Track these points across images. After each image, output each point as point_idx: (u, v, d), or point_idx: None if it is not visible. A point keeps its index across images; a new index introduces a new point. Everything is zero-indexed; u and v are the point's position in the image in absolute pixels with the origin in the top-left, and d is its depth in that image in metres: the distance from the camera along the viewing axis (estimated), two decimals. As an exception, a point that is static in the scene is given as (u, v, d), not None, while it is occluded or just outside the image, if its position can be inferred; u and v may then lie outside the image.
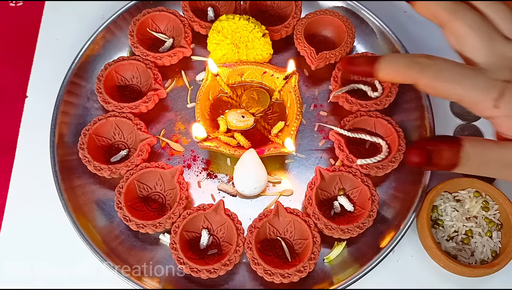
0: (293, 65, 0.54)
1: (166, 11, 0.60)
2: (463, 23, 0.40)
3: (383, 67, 0.41)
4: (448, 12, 0.41)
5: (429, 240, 0.48)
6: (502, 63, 0.39)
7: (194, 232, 0.49)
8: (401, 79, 0.41)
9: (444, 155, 0.38)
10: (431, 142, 0.39)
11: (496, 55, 0.39)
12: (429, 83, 0.39)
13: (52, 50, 0.63)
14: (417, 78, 0.39)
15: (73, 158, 0.53)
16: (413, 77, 0.40)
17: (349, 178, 0.50)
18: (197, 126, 0.51)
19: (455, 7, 0.41)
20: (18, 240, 0.53)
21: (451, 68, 0.39)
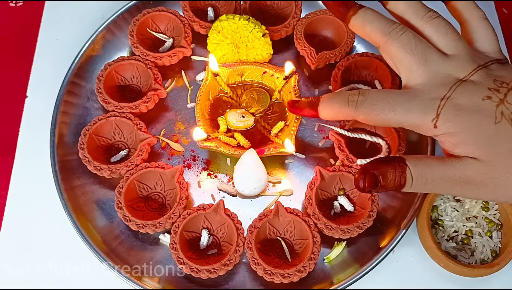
0: (290, 66, 0.54)
1: (166, 11, 0.60)
2: (398, 46, 0.40)
3: (323, 109, 0.43)
4: (382, 34, 0.41)
5: (429, 240, 0.48)
6: (437, 81, 0.39)
7: (194, 232, 0.49)
8: (341, 117, 0.43)
9: (390, 177, 0.38)
10: (375, 165, 0.39)
11: (431, 74, 0.40)
12: (366, 118, 0.40)
13: (52, 50, 0.63)
14: (354, 115, 0.41)
15: (73, 158, 0.53)
16: (351, 114, 0.41)
17: (349, 178, 0.50)
18: (198, 131, 0.51)
19: (389, 29, 0.41)
20: (18, 240, 0.53)
21: (383, 99, 0.39)
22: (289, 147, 0.51)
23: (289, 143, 0.51)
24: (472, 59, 0.40)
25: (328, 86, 0.59)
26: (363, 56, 0.57)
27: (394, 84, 0.55)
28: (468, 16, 0.43)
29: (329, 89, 0.58)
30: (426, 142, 0.53)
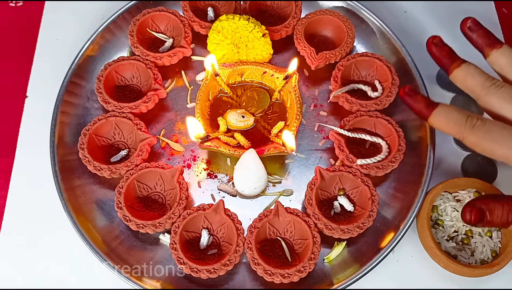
0: (295, 64, 0.54)
1: (166, 11, 0.60)
2: (497, 97, 0.43)
3: (438, 115, 0.43)
4: (482, 88, 0.44)
5: (429, 240, 0.48)
6: None
7: (194, 232, 0.49)
8: (450, 131, 0.44)
9: (497, 214, 0.41)
10: (485, 200, 0.42)
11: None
12: (476, 142, 0.42)
13: (52, 50, 0.63)
14: (466, 134, 0.42)
15: (73, 158, 0.53)
16: (462, 133, 0.42)
17: (349, 178, 0.50)
18: (192, 120, 0.51)
19: (490, 83, 0.44)
20: (18, 240, 0.53)
21: (499, 130, 0.42)
22: (288, 141, 0.50)
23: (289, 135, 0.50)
24: None
25: (328, 86, 0.59)
26: (363, 56, 0.57)
27: (394, 84, 0.55)
28: None
29: (329, 89, 0.58)
30: (426, 143, 0.53)
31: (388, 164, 0.51)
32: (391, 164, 0.51)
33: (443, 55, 0.46)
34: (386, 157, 0.51)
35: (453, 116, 0.43)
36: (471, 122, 0.42)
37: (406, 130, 0.53)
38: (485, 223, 0.41)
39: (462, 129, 0.42)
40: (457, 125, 0.42)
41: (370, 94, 0.55)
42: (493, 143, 0.41)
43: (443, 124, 0.43)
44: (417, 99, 0.45)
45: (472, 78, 0.44)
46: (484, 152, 0.43)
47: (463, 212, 0.42)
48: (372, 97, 0.55)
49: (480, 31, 0.46)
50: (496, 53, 0.45)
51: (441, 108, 0.43)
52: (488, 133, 0.42)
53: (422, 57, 0.59)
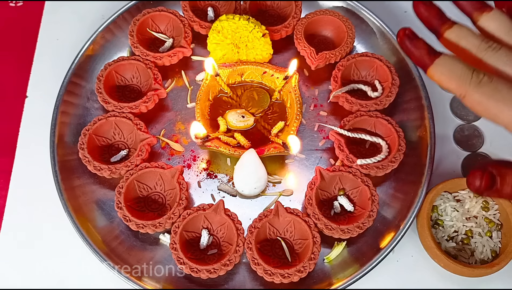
0: (295, 65, 0.54)
1: (166, 11, 0.60)
2: (495, 60, 0.39)
3: (440, 65, 0.39)
4: (478, 50, 0.40)
5: (429, 240, 0.48)
6: None
7: (194, 232, 0.49)
8: (452, 86, 0.39)
9: (509, 181, 0.36)
10: (495, 165, 0.37)
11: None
12: (481, 100, 0.38)
13: (52, 50, 0.63)
14: (470, 91, 0.38)
15: (73, 158, 0.53)
16: (466, 88, 0.38)
17: (349, 178, 0.50)
18: (197, 125, 0.51)
19: (486, 45, 0.40)
20: (18, 240, 0.53)
21: (507, 89, 0.37)
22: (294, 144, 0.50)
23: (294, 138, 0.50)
24: None
25: (328, 86, 0.59)
26: (363, 56, 0.57)
27: (394, 84, 0.55)
28: None
29: (329, 89, 0.58)
30: (426, 143, 0.53)
31: (388, 164, 0.51)
32: (391, 164, 0.51)
33: (432, 15, 0.42)
34: (386, 157, 0.51)
35: (458, 68, 0.38)
36: (477, 77, 0.37)
37: (406, 130, 0.53)
38: (493, 191, 0.36)
39: (466, 84, 0.38)
40: (461, 78, 0.38)
41: (370, 94, 0.55)
42: (499, 103, 0.37)
43: (445, 76, 0.39)
44: (418, 44, 0.40)
45: (466, 40, 0.40)
46: (487, 113, 0.38)
47: (471, 176, 0.36)
48: (372, 97, 0.55)
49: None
50: (486, 17, 0.41)
51: (445, 57, 0.39)
52: (495, 91, 0.37)
53: (422, 57, 0.59)
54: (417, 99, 0.55)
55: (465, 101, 0.38)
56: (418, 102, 0.55)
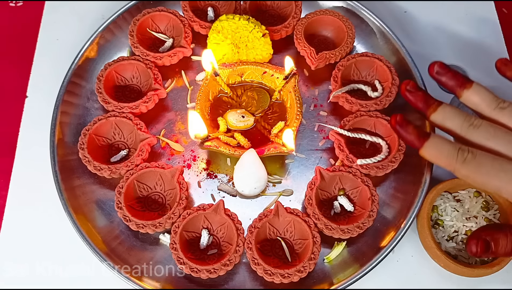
0: (290, 61, 0.54)
1: (166, 11, 0.60)
2: (477, 136, 0.44)
3: (429, 147, 0.44)
4: (461, 129, 0.44)
5: (429, 240, 0.48)
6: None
7: (194, 232, 0.49)
8: (442, 164, 0.44)
9: (501, 244, 0.41)
10: (488, 231, 0.42)
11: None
12: (468, 175, 0.42)
13: (52, 50, 0.63)
14: (458, 168, 0.42)
15: (73, 158, 0.53)
16: (454, 166, 0.43)
17: (349, 178, 0.50)
18: (194, 114, 0.51)
19: (467, 123, 0.44)
20: (18, 240, 0.53)
21: (490, 163, 0.42)
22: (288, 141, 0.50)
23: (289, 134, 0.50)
24: None
25: (328, 86, 0.59)
26: (363, 56, 0.57)
27: (394, 84, 0.55)
28: None
29: (329, 89, 0.58)
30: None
31: (388, 164, 0.51)
32: (391, 164, 0.51)
33: (418, 100, 0.46)
34: (386, 157, 0.51)
35: (444, 149, 0.43)
36: (462, 156, 0.42)
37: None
38: (490, 253, 0.42)
39: (454, 162, 0.42)
40: (448, 158, 0.43)
41: (370, 94, 0.55)
42: (484, 176, 0.42)
43: (435, 156, 0.44)
44: (408, 130, 0.45)
45: (450, 121, 0.45)
46: (476, 184, 0.43)
47: (469, 244, 0.42)
48: (372, 97, 0.55)
49: (448, 74, 0.47)
50: (467, 92, 0.46)
51: (433, 140, 0.44)
52: (479, 166, 0.42)
53: (422, 57, 0.59)
54: (417, 99, 0.55)
55: (456, 175, 0.43)
56: (418, 102, 0.55)
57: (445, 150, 0.43)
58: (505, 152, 0.43)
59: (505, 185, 0.42)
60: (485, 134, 0.44)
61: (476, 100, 0.46)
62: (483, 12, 0.66)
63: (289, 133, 0.50)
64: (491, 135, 0.44)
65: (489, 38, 0.64)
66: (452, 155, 0.43)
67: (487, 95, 0.46)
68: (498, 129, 0.44)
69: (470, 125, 0.44)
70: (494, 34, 0.65)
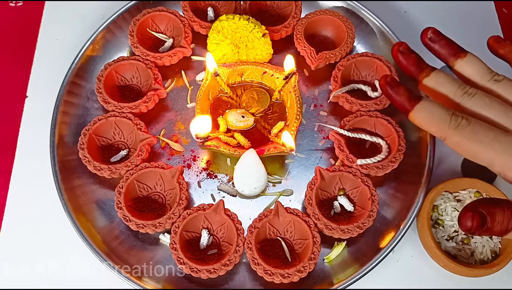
0: (291, 60, 0.54)
1: (166, 11, 0.60)
2: (471, 105, 0.41)
3: (420, 110, 0.41)
4: (455, 96, 0.42)
5: (429, 240, 0.48)
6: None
7: (194, 232, 0.49)
8: (432, 129, 0.41)
9: (498, 219, 0.38)
10: (484, 205, 0.38)
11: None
12: (460, 142, 0.40)
13: (52, 50, 0.63)
14: (450, 134, 0.40)
15: (73, 158, 0.53)
16: (446, 132, 0.40)
17: (349, 178, 0.50)
18: (200, 120, 0.51)
19: (462, 91, 0.42)
20: (18, 240, 0.53)
21: (485, 131, 0.39)
22: (287, 141, 0.50)
23: (288, 136, 0.50)
24: None
25: (328, 86, 0.59)
26: (363, 56, 0.57)
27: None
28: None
29: (329, 89, 0.58)
30: (426, 143, 0.53)
31: (388, 164, 0.51)
32: (391, 164, 0.51)
33: (410, 63, 0.44)
34: (386, 157, 0.51)
35: (437, 113, 0.40)
36: (456, 121, 0.39)
37: (406, 130, 0.53)
38: (485, 230, 0.38)
39: (446, 127, 0.40)
40: (440, 122, 0.40)
41: (370, 94, 0.55)
42: (477, 144, 0.39)
43: (425, 120, 0.41)
44: (399, 91, 0.42)
45: (443, 87, 0.42)
46: (467, 154, 0.40)
47: (463, 218, 0.38)
48: (372, 97, 0.55)
49: (442, 41, 0.44)
50: (461, 62, 0.43)
51: (425, 103, 0.41)
52: (473, 134, 0.39)
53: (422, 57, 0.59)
54: (417, 99, 0.55)
55: (446, 143, 0.41)
56: (418, 102, 0.55)
57: (437, 114, 0.40)
58: (500, 122, 0.41)
59: (498, 156, 0.39)
60: (480, 102, 0.41)
61: (469, 71, 0.43)
62: (483, 12, 0.66)
63: (287, 134, 0.50)
64: (486, 104, 0.41)
65: (489, 38, 0.64)
66: (444, 120, 0.40)
67: (482, 66, 0.43)
68: (494, 100, 0.41)
69: (465, 93, 0.41)
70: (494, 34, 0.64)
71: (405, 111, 0.42)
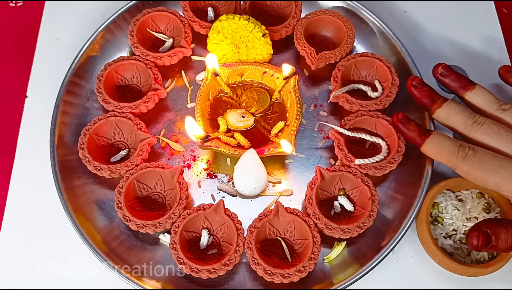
0: (288, 69, 0.55)
1: (166, 11, 0.60)
2: (481, 133, 0.45)
3: (431, 144, 0.45)
4: (465, 126, 0.46)
5: (426, 235, 0.48)
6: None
7: (194, 232, 0.49)
8: (443, 160, 0.45)
9: (502, 238, 0.42)
10: (489, 225, 0.43)
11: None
12: (468, 171, 0.44)
13: (52, 50, 0.63)
14: (458, 164, 0.44)
15: (73, 158, 0.53)
16: (455, 162, 0.44)
17: (349, 178, 0.50)
18: (190, 121, 0.51)
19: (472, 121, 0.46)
20: (18, 240, 0.53)
21: (491, 159, 0.43)
22: (286, 148, 0.51)
23: (286, 143, 0.50)
24: None
25: (328, 86, 0.59)
26: (363, 56, 0.57)
27: (394, 84, 0.55)
28: None
29: (329, 89, 0.58)
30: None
31: (386, 165, 0.51)
32: (389, 165, 0.51)
33: (423, 96, 0.48)
34: (385, 157, 0.51)
35: (446, 145, 0.44)
36: (463, 152, 0.43)
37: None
38: (490, 247, 0.42)
39: (454, 158, 0.43)
40: (449, 154, 0.44)
41: (370, 94, 0.55)
42: (484, 172, 0.43)
43: (436, 152, 0.45)
44: (410, 127, 0.46)
45: (454, 117, 0.46)
46: (476, 181, 0.44)
47: (470, 237, 0.42)
48: (372, 97, 0.55)
49: (452, 76, 0.48)
50: (470, 94, 0.47)
51: (434, 137, 0.45)
52: (479, 163, 0.43)
53: (422, 57, 0.59)
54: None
55: (456, 171, 0.45)
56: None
57: (446, 146, 0.44)
58: (506, 151, 0.44)
59: (504, 181, 0.42)
60: (489, 131, 0.44)
61: (478, 102, 0.47)
62: (483, 12, 0.66)
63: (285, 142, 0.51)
64: (494, 132, 0.44)
65: (489, 38, 0.64)
66: (453, 151, 0.44)
67: (489, 97, 0.47)
68: (502, 127, 0.45)
69: (474, 122, 0.45)
70: (494, 34, 0.65)
71: (417, 145, 0.46)
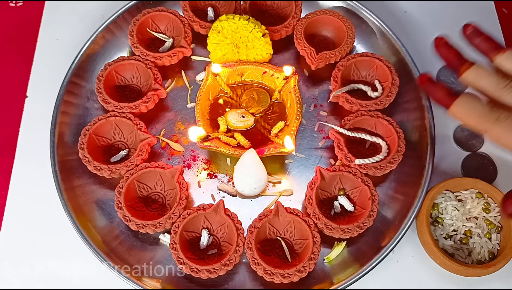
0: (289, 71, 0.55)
1: (166, 11, 0.60)
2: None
3: (460, 105, 0.42)
4: (495, 89, 0.42)
5: (426, 236, 0.48)
6: None
7: (194, 232, 0.49)
8: (472, 122, 0.42)
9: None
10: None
11: None
12: (501, 134, 0.41)
13: (52, 50, 0.63)
14: (490, 127, 0.41)
15: (73, 158, 0.53)
16: (486, 125, 0.41)
17: (349, 178, 0.50)
18: (194, 130, 0.51)
19: (503, 84, 0.42)
20: (18, 240, 0.53)
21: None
22: (288, 145, 0.51)
23: (289, 140, 0.50)
24: None
25: (328, 86, 0.59)
26: (363, 56, 0.57)
27: (394, 84, 0.55)
28: None
29: (329, 89, 0.58)
30: (426, 143, 0.53)
31: (386, 164, 0.51)
32: (389, 165, 0.51)
33: (452, 56, 0.45)
34: (385, 157, 0.51)
35: (476, 107, 0.41)
36: (496, 114, 0.40)
37: (406, 130, 0.53)
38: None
39: (485, 121, 0.41)
40: (480, 116, 0.41)
41: (370, 94, 0.55)
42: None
43: (465, 114, 0.42)
44: (437, 87, 0.43)
45: (483, 79, 0.43)
46: (508, 145, 0.41)
47: (506, 204, 0.40)
48: (372, 97, 0.55)
49: (482, 36, 0.45)
50: (501, 57, 0.44)
51: (464, 97, 0.42)
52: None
53: (422, 57, 0.59)
54: (417, 99, 0.55)
55: (487, 136, 0.42)
56: (418, 102, 0.55)
57: (477, 107, 0.41)
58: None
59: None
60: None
61: (509, 66, 0.44)
62: (483, 12, 0.66)
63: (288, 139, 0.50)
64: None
65: (489, 38, 0.64)
66: (484, 114, 0.41)
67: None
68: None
69: (507, 85, 0.42)
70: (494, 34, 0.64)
71: (445, 106, 0.43)
